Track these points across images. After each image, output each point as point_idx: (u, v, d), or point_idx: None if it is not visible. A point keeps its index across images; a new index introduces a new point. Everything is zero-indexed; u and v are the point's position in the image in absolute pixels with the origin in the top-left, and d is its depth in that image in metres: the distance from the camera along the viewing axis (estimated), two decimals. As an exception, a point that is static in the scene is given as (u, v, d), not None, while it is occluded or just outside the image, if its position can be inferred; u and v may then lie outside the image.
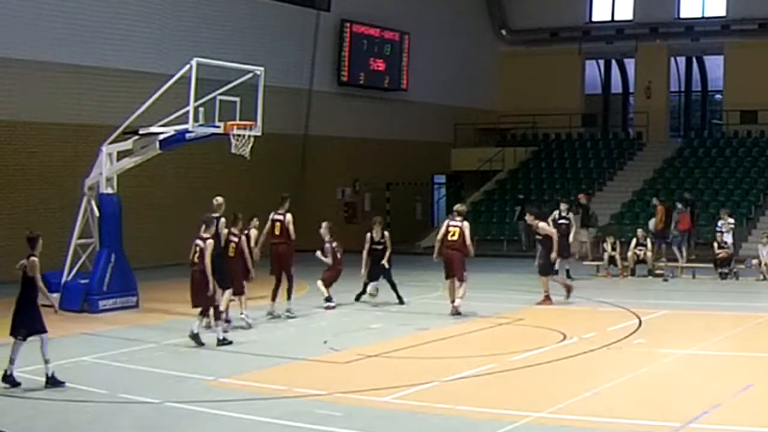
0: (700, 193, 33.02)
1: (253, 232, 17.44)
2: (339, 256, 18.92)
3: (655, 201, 27.88)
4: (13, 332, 11.89)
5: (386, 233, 19.25)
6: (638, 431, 9.77)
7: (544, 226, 19.59)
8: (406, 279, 24.10)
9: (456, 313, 17.72)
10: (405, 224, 34.48)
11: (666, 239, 26.09)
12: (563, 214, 24.13)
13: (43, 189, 24.30)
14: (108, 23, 25.54)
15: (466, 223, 18.06)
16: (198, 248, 14.81)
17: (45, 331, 11.87)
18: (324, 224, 19.14)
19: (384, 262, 19.07)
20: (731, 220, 25.04)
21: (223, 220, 16.30)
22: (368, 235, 19.19)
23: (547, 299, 19.19)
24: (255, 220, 17.61)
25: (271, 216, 17.74)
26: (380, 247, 19.09)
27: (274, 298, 17.65)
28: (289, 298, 17.69)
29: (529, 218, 19.99)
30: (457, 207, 18.61)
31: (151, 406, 10.96)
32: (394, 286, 19.22)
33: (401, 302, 19.14)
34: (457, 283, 17.91)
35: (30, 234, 12.81)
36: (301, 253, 18.37)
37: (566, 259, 24.03)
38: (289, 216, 17.62)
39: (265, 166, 27.59)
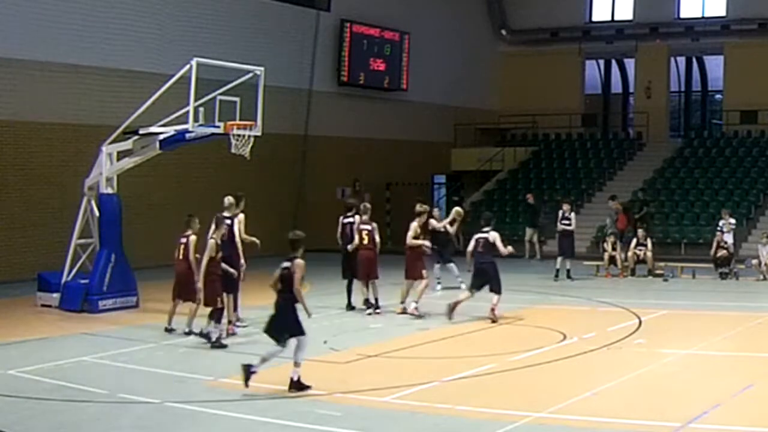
0: (700, 193, 33.08)
1: None
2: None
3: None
4: (273, 334, 11.55)
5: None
6: (638, 431, 9.77)
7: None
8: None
9: (403, 312, 17.82)
10: (405, 224, 34.37)
11: (623, 238, 25.85)
12: (566, 214, 24.27)
13: (43, 189, 24.29)
14: (108, 23, 25.52)
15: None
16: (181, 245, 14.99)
17: (303, 334, 11.52)
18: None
19: None
20: (732, 221, 25.06)
21: (241, 216, 16.00)
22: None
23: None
24: None
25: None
26: None
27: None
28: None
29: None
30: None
31: (151, 406, 10.96)
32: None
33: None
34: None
35: (293, 235, 11.99)
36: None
37: (568, 259, 24.14)
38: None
39: (265, 166, 27.60)
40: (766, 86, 34.84)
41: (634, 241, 24.76)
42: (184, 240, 16.07)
